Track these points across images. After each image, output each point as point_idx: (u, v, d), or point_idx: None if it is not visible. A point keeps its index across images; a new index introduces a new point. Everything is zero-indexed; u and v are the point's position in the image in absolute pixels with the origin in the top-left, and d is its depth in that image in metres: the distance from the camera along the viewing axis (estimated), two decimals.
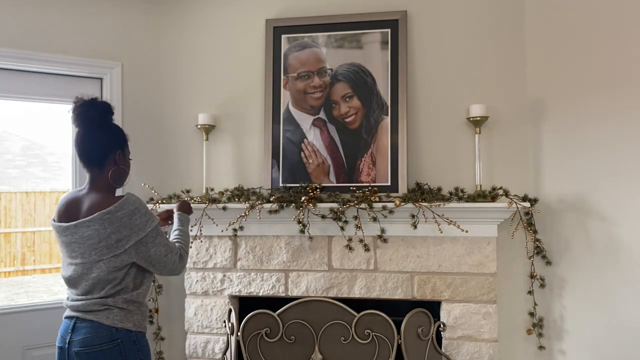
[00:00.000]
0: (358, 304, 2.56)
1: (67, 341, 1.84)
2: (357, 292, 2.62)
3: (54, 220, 1.93)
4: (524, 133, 2.61)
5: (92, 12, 2.80)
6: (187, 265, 2.77)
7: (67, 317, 1.89)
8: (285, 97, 2.77)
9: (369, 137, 2.66)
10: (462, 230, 2.43)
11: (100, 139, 1.91)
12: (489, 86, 2.63)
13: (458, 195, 2.51)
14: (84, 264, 1.83)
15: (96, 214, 1.79)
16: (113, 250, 1.80)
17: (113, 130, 1.96)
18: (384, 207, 2.45)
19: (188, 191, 2.79)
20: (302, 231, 2.51)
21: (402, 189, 2.57)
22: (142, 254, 1.85)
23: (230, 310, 2.63)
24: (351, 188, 2.60)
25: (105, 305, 1.82)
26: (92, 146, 1.90)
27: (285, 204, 2.52)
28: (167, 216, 2.35)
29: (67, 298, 1.92)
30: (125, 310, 1.85)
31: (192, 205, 2.61)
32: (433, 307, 2.56)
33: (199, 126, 2.77)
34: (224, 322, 2.69)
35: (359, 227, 2.46)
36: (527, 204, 2.44)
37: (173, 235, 2.09)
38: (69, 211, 1.90)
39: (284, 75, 2.77)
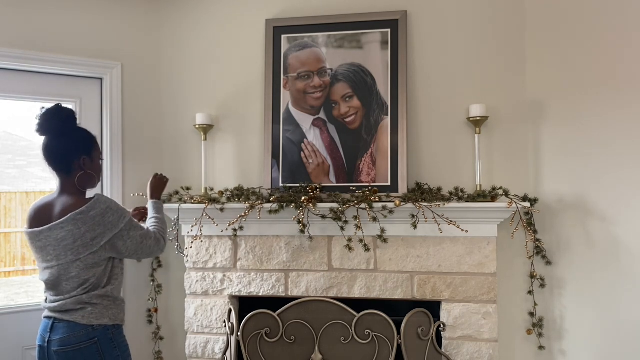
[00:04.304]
0: (358, 304, 2.56)
1: (47, 340, 1.89)
2: (357, 292, 2.62)
3: (26, 228, 1.97)
4: (524, 133, 2.61)
5: (92, 12, 2.80)
6: (187, 265, 2.78)
7: (45, 317, 1.95)
8: (285, 97, 2.77)
9: (369, 137, 2.66)
10: (462, 230, 2.43)
11: (64, 146, 1.96)
12: (489, 86, 2.63)
13: (458, 195, 2.50)
14: (60, 266, 1.87)
15: (69, 215, 1.85)
16: (89, 248, 1.86)
17: (78, 136, 2.01)
18: (384, 207, 2.45)
19: (188, 188, 2.79)
20: (302, 231, 2.51)
21: (402, 189, 2.57)
22: (118, 248, 1.92)
23: (230, 310, 2.63)
24: (351, 188, 2.60)
25: (80, 304, 1.87)
26: (57, 153, 1.95)
27: (285, 204, 2.52)
28: (141, 214, 2.51)
29: (45, 300, 1.97)
30: (100, 305, 1.90)
31: (191, 204, 2.62)
32: (433, 307, 2.56)
33: (197, 126, 2.77)
34: (224, 322, 2.69)
35: (359, 227, 2.45)
36: (527, 204, 2.44)
37: (149, 223, 2.17)
38: (40, 216, 1.94)
39: (284, 75, 2.77)
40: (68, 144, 1.96)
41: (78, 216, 1.84)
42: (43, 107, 1.98)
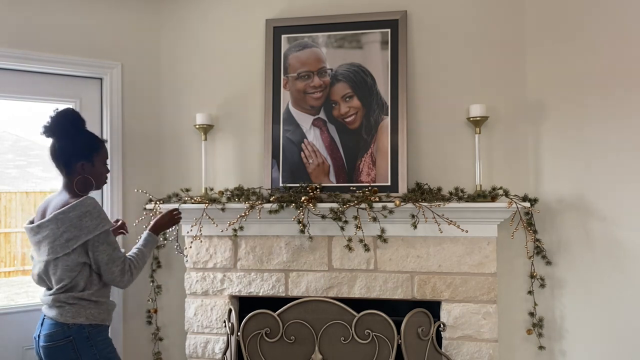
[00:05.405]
0: (358, 304, 2.56)
1: (38, 334, 2.00)
2: (357, 292, 2.62)
3: (26, 224, 2.05)
4: (524, 133, 2.61)
5: (92, 12, 2.80)
6: (187, 265, 2.77)
7: (43, 312, 2.04)
8: (285, 97, 2.77)
9: (369, 137, 2.66)
10: (462, 230, 2.43)
11: (65, 150, 2.02)
12: (489, 86, 2.63)
13: (458, 195, 2.50)
14: (45, 262, 1.96)
15: (52, 214, 1.92)
16: (64, 249, 1.91)
17: (80, 140, 2.05)
18: (384, 207, 2.45)
19: (187, 190, 2.79)
20: (302, 231, 2.51)
21: (402, 189, 2.57)
22: (89, 256, 1.96)
23: (230, 310, 2.63)
24: (351, 188, 2.60)
25: (58, 302, 1.95)
26: (58, 155, 2.02)
27: (285, 204, 2.52)
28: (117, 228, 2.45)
29: (43, 293, 2.07)
30: (76, 305, 1.96)
31: (191, 205, 2.61)
32: (433, 307, 2.55)
33: (197, 126, 2.77)
34: (224, 322, 2.69)
35: (359, 227, 2.45)
36: (527, 204, 2.44)
37: (131, 252, 2.15)
38: (42, 213, 2.03)
39: (284, 75, 2.77)
40: (70, 148, 2.02)
41: (59, 215, 1.90)
42: (57, 109, 2.03)
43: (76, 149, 2.03)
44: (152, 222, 2.31)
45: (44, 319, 2.01)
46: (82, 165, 2.02)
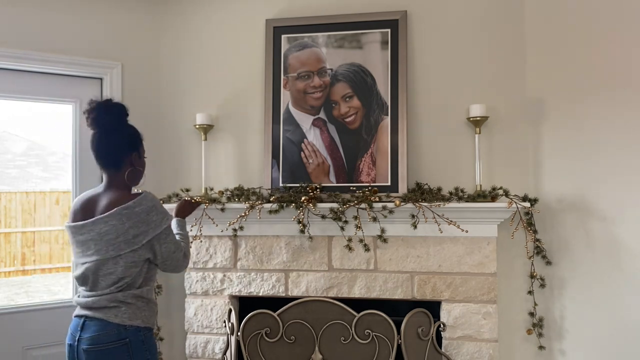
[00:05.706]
0: (358, 304, 2.56)
1: (77, 339, 1.86)
2: (357, 292, 2.62)
3: (69, 222, 1.96)
4: (524, 133, 2.61)
5: (92, 12, 2.80)
6: (187, 265, 2.77)
7: (76, 316, 1.92)
8: (285, 97, 2.77)
9: (369, 137, 2.66)
10: (462, 230, 2.43)
11: (116, 142, 1.96)
12: (489, 86, 2.63)
13: (458, 195, 2.50)
14: (99, 261, 1.85)
15: (115, 210, 1.83)
16: (130, 245, 1.84)
17: (128, 132, 2.01)
18: (384, 207, 2.45)
19: (187, 190, 2.79)
20: (302, 231, 2.51)
21: (402, 189, 2.57)
22: (154, 251, 1.91)
23: (230, 310, 2.63)
24: (351, 188, 2.60)
25: (115, 302, 1.85)
26: (108, 149, 1.95)
27: (285, 204, 2.52)
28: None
29: (78, 295, 1.95)
30: (134, 306, 1.88)
31: (192, 203, 2.61)
32: (433, 307, 2.56)
33: (197, 126, 2.77)
34: (224, 322, 2.69)
35: (359, 227, 2.45)
36: (527, 204, 2.44)
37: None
38: (86, 210, 1.93)
39: (284, 75, 2.77)
40: (120, 140, 1.97)
41: (124, 211, 1.83)
42: (92, 101, 1.96)
43: (126, 140, 1.98)
44: (174, 211, 2.37)
45: (84, 321, 1.87)
46: (133, 156, 1.99)
